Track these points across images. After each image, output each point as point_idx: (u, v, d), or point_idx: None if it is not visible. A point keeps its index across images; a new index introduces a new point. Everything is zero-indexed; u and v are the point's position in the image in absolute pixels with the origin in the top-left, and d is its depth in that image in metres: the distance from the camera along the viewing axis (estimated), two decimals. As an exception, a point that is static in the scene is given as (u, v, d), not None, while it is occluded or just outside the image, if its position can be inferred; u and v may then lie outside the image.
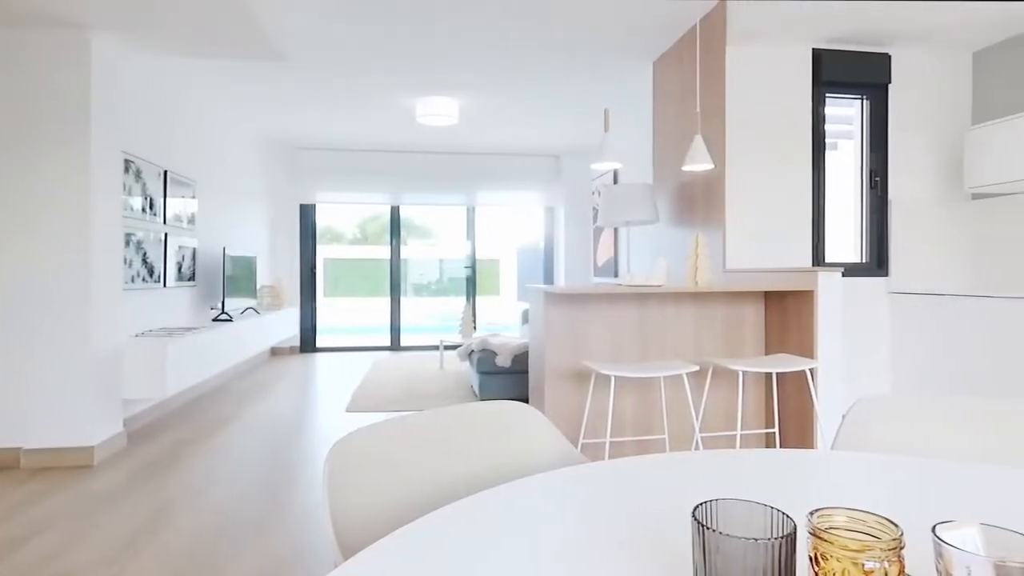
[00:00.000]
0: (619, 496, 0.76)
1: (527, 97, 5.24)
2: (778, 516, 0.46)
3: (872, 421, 1.09)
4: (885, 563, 0.41)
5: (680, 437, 3.12)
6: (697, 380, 3.12)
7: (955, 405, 1.08)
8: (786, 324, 3.00)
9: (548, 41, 3.97)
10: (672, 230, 4.15)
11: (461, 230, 8.01)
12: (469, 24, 3.71)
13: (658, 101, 4.31)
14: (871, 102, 3.76)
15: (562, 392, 2.98)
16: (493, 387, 4.42)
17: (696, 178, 3.80)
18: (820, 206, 3.67)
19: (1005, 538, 0.46)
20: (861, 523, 0.46)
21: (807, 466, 0.89)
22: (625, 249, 6.42)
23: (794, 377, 2.97)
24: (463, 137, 6.76)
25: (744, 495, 0.77)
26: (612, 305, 3.04)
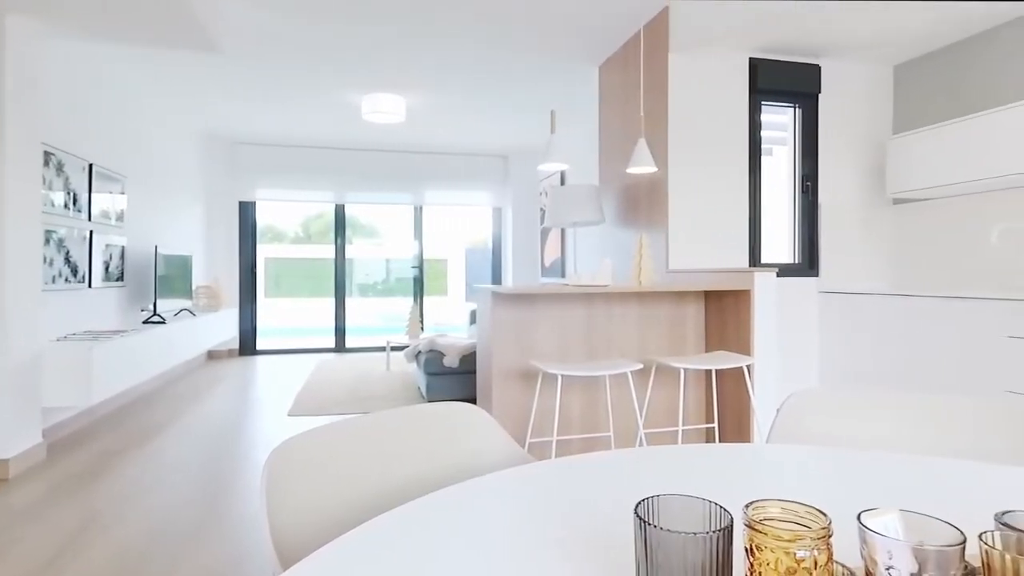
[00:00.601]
0: (565, 495, 0.76)
1: (475, 97, 5.22)
2: (716, 510, 0.47)
3: (803, 414, 1.15)
4: (815, 551, 0.43)
5: (625, 434, 3.18)
6: (641, 378, 3.19)
7: (878, 398, 1.14)
8: (725, 322, 3.11)
9: (496, 42, 3.98)
10: (617, 231, 4.23)
11: (408, 229, 7.91)
12: (416, 22, 3.67)
13: (604, 104, 4.39)
14: (803, 110, 3.95)
15: (510, 392, 2.98)
16: (441, 388, 4.38)
17: (640, 180, 3.89)
18: (756, 209, 3.83)
19: (922, 523, 0.48)
20: (793, 513, 0.48)
21: (744, 459, 0.92)
22: (572, 249, 6.50)
23: (732, 373, 3.08)
24: (410, 135, 6.68)
25: (686, 489, 0.79)
26: (559, 305, 3.07)
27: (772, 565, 0.43)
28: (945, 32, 3.54)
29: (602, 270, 3.06)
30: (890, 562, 0.45)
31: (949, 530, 0.46)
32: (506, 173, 7.88)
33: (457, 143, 7.11)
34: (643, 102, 3.80)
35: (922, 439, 1.09)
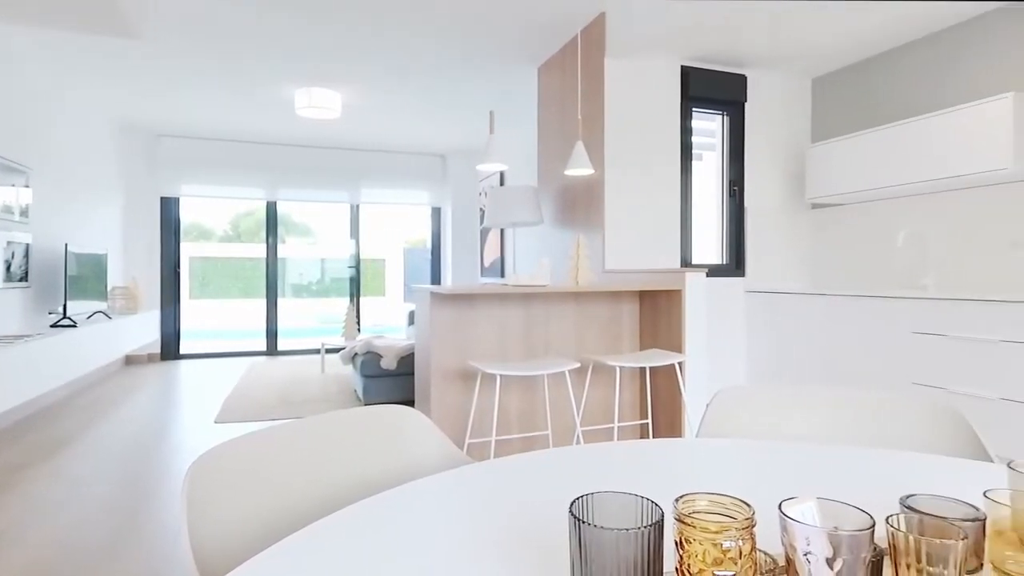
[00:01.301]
0: (503, 495, 0.76)
1: (413, 95, 5.16)
2: (647, 505, 0.48)
3: (731, 409, 1.20)
4: (739, 541, 0.45)
5: (563, 432, 3.23)
6: (578, 376, 3.24)
7: (798, 393, 1.21)
8: (658, 321, 3.21)
9: (435, 40, 3.94)
10: (556, 231, 4.28)
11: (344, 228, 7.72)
12: (352, 15, 3.58)
13: (542, 106, 4.43)
14: (730, 118, 4.13)
15: (448, 393, 2.96)
16: (378, 390, 4.30)
17: (578, 182, 3.95)
18: (687, 211, 3.97)
19: (837, 509, 0.51)
20: (720, 505, 0.50)
21: (676, 454, 0.95)
22: (512, 250, 6.53)
23: (665, 370, 3.18)
24: (347, 132, 6.52)
25: (621, 485, 0.80)
26: (498, 305, 3.07)
27: (700, 557, 0.45)
28: (858, 48, 3.79)
29: (540, 270, 3.09)
30: (808, 548, 0.47)
31: (860, 515, 0.49)
32: (445, 172, 7.83)
33: (395, 141, 7.00)
34: (580, 105, 3.86)
35: (838, 430, 1.16)
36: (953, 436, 1.05)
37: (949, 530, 0.50)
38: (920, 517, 0.52)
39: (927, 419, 1.09)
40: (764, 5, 3.15)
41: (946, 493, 0.77)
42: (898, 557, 0.50)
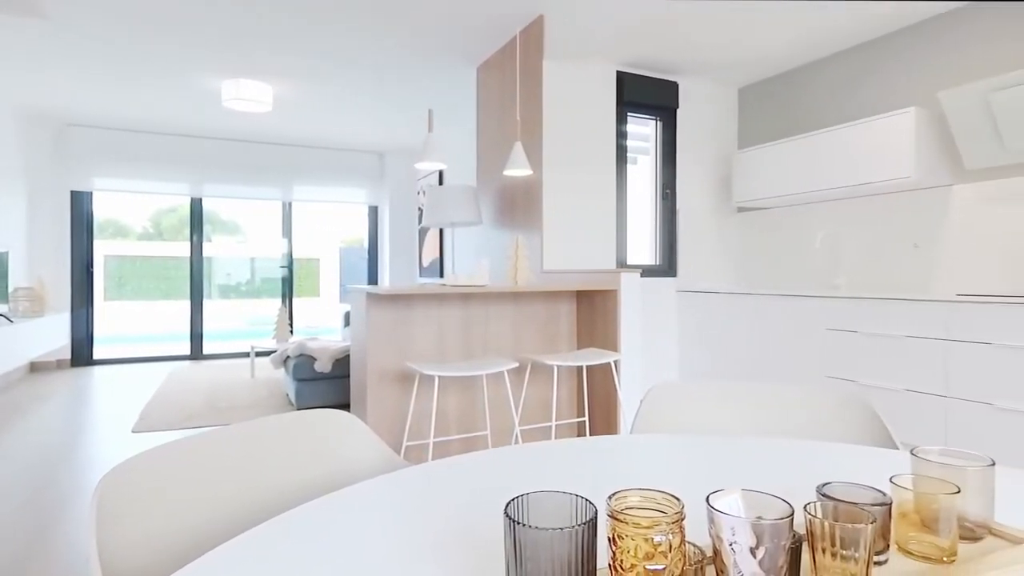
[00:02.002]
0: (440, 498, 0.75)
1: (350, 90, 5.03)
2: (581, 503, 0.49)
3: (663, 405, 1.23)
4: (670, 535, 0.46)
5: (502, 431, 3.23)
6: (517, 376, 3.26)
7: (725, 387, 1.26)
8: (594, 320, 3.27)
9: (372, 34, 3.86)
10: (495, 232, 4.29)
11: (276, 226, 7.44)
12: (285, 4, 3.45)
13: (481, 106, 4.43)
14: (663, 123, 4.27)
15: (385, 395, 2.91)
16: (311, 394, 4.17)
17: (516, 183, 3.97)
18: (623, 214, 4.07)
19: (760, 500, 0.53)
20: (651, 501, 0.51)
21: (611, 451, 0.96)
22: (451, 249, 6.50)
23: (601, 368, 3.24)
24: (278, 126, 6.28)
25: (558, 483, 0.81)
26: (437, 305, 3.04)
27: (632, 552, 0.45)
28: (780, 61, 4.01)
29: (479, 270, 3.09)
30: (733, 538, 0.49)
31: (781, 504, 0.51)
32: (383, 170, 7.69)
33: (330, 137, 6.81)
34: (519, 106, 3.88)
35: (762, 422, 1.21)
36: (863, 426, 1.12)
37: (860, 515, 0.53)
38: (834, 504, 0.55)
39: (840, 410, 1.16)
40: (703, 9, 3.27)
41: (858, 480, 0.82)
42: (815, 542, 0.53)
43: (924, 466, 0.64)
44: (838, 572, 0.52)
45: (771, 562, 0.48)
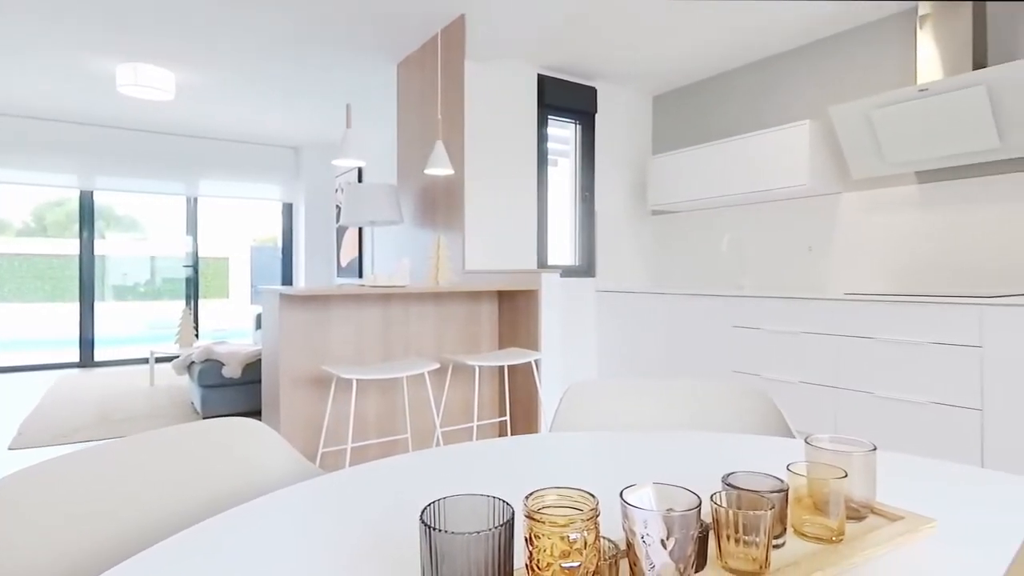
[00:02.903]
0: (356, 506, 0.73)
1: (262, 80, 4.80)
2: (499, 505, 0.49)
3: (581, 403, 1.26)
4: (585, 532, 0.47)
5: (423, 434, 3.19)
6: (438, 377, 3.23)
7: (642, 384, 1.31)
8: (516, 320, 3.30)
9: (287, 22, 3.69)
10: (416, 231, 4.23)
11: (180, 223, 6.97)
12: (186, -13, 3.24)
13: (402, 103, 4.36)
14: (582, 127, 4.37)
15: (300, 400, 2.79)
16: (219, 402, 3.93)
17: (438, 182, 3.94)
18: (544, 215, 4.14)
19: (671, 492, 0.55)
20: (568, 499, 0.51)
21: (531, 450, 0.97)
22: (370, 249, 6.34)
23: (523, 368, 3.28)
24: (183, 116, 5.88)
25: (478, 485, 0.80)
26: (355, 306, 2.96)
27: (548, 551, 0.46)
28: (691, 71, 4.21)
29: (400, 270, 3.03)
30: (645, 530, 0.50)
31: (689, 496, 0.53)
32: (298, 166, 7.39)
33: (241, 129, 6.45)
34: (440, 105, 3.85)
35: (674, 416, 1.27)
36: (765, 417, 1.20)
37: (760, 502, 0.56)
38: (738, 493, 0.58)
39: (744, 403, 1.23)
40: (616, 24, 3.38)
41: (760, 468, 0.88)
42: (720, 530, 0.56)
43: (816, 453, 0.69)
44: (741, 557, 0.55)
45: (680, 552, 0.50)
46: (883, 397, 2.75)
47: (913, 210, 3.20)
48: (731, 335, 3.43)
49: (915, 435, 2.64)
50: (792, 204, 3.78)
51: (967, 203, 2.99)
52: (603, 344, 4.31)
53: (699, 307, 3.62)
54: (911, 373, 2.65)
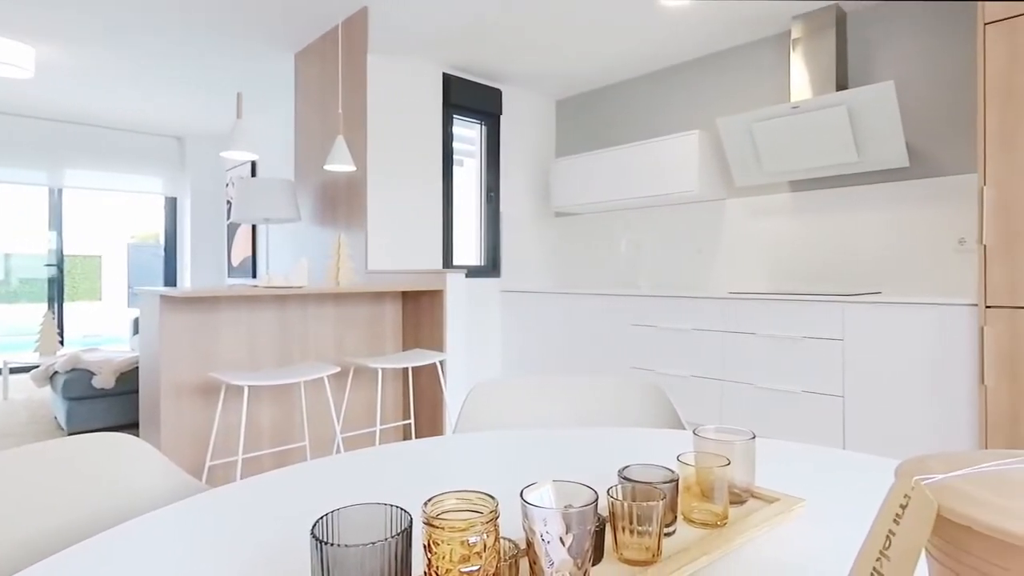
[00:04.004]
0: (245, 521, 0.68)
1: (142, 62, 4.39)
2: (396, 513, 0.47)
3: (485, 403, 1.26)
4: (484, 536, 0.46)
5: (322, 441, 3.07)
6: (338, 381, 3.12)
7: (545, 382, 1.33)
8: (420, 321, 3.25)
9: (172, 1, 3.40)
10: (315, 229, 4.05)
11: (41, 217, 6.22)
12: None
13: (300, 95, 4.16)
14: (487, 128, 4.39)
15: (184, 411, 2.58)
16: (88, 415, 3.56)
17: (339, 178, 3.80)
18: (449, 214, 4.11)
19: (570, 489, 0.56)
20: (467, 502, 0.51)
21: (434, 453, 0.96)
22: (264, 248, 6.00)
23: (427, 369, 3.24)
24: (45, 98, 5.26)
25: (377, 492, 0.78)
26: (248, 308, 2.78)
27: (447, 557, 0.45)
28: (592, 78, 4.36)
29: (298, 270, 2.89)
30: (545, 528, 0.51)
31: (587, 491, 0.54)
32: (183, 157, 6.84)
33: (116, 115, 5.87)
34: (342, 98, 3.72)
35: (576, 413, 1.30)
36: (659, 410, 1.26)
37: (653, 493, 0.59)
38: (632, 485, 0.61)
39: (641, 398, 1.29)
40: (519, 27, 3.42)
41: (653, 460, 0.92)
42: (616, 522, 0.57)
43: (703, 443, 0.73)
44: (635, 547, 0.57)
45: (578, 547, 0.51)
46: (763, 387, 2.99)
47: (787, 216, 3.50)
48: (629, 333, 3.59)
49: (790, 421, 2.90)
50: (684, 208, 4.01)
51: (831, 210, 3.32)
52: (507, 344, 4.35)
53: (599, 306, 3.75)
54: (786, 365, 2.91)
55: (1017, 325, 2.21)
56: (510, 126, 4.51)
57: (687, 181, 3.62)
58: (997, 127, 2.24)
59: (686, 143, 3.63)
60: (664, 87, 4.12)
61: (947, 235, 2.92)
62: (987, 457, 0.39)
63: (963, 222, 2.88)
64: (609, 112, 4.48)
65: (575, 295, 3.89)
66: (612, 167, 4.03)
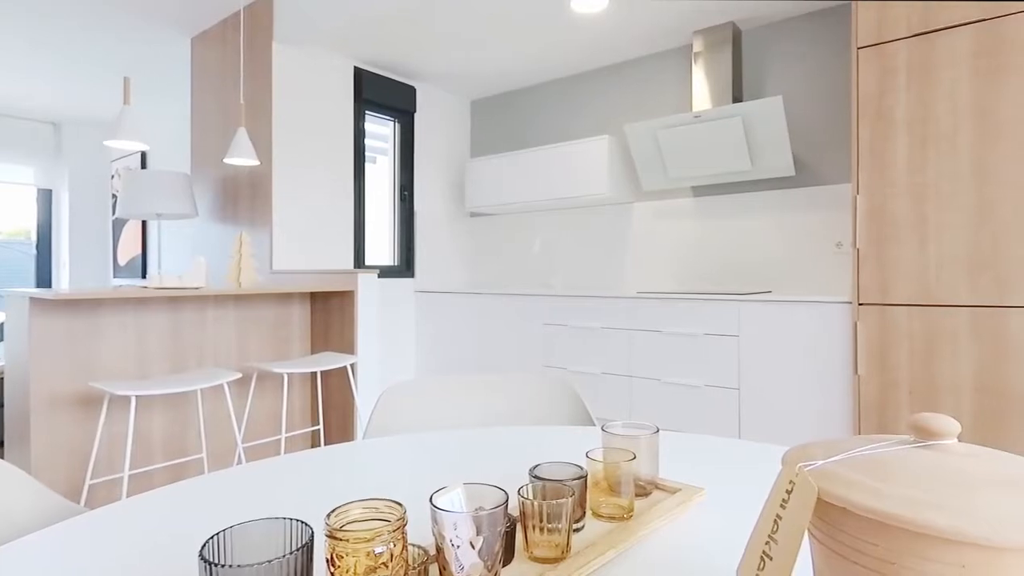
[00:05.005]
0: (129, 544, 0.62)
1: (8, 35, 3.93)
2: (296, 528, 0.45)
3: (398, 406, 1.23)
4: (391, 545, 0.45)
5: (222, 452, 2.88)
6: (240, 388, 2.94)
7: (457, 381, 1.32)
8: (330, 323, 3.14)
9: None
10: (214, 227, 3.81)
11: None
12: None
13: (197, 83, 3.89)
14: (401, 126, 4.31)
15: (60, 426, 2.34)
16: (-57, 433, 3.14)
17: (241, 173, 3.59)
18: (361, 213, 4.00)
19: (481, 491, 0.56)
20: (374, 511, 0.49)
21: (342, 460, 0.92)
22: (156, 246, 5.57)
23: (338, 373, 3.13)
24: None
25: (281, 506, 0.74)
26: (136, 312, 2.56)
27: (352, 570, 0.43)
28: (507, 80, 4.39)
29: (195, 270, 2.70)
30: (455, 533, 0.50)
31: (498, 493, 0.54)
32: (59, 145, 6.19)
33: (-27, 95, 5.22)
34: (244, 88, 3.51)
35: (490, 412, 1.30)
36: (571, 408, 1.29)
37: (562, 490, 0.60)
38: (543, 484, 0.61)
39: (552, 395, 1.31)
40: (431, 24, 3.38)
41: (564, 458, 0.93)
42: (527, 521, 0.58)
43: (610, 439, 0.75)
44: (546, 544, 0.57)
45: (489, 550, 0.50)
46: (668, 383, 3.14)
47: (690, 220, 3.70)
48: (542, 332, 3.65)
49: (694, 414, 3.06)
50: (594, 210, 4.14)
51: (728, 215, 3.54)
52: (422, 345, 4.30)
53: (513, 306, 3.79)
54: (689, 361, 3.07)
55: (886, 320, 2.46)
56: (425, 124, 4.46)
57: (598, 184, 3.73)
58: (868, 142, 2.48)
59: (597, 147, 3.74)
60: (576, 92, 4.23)
61: (827, 239, 3.20)
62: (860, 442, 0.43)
63: (840, 227, 3.17)
64: (523, 114, 4.53)
65: (490, 295, 3.91)
66: (526, 169, 4.09)
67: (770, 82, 3.39)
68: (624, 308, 3.30)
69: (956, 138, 2.29)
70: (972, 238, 2.26)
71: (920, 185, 2.37)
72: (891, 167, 2.43)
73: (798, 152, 3.30)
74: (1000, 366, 2.22)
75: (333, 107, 3.76)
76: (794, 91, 3.32)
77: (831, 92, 3.20)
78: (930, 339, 2.35)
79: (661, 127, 3.35)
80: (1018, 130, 2.18)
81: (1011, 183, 2.19)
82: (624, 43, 3.69)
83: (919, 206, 2.37)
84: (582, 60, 3.98)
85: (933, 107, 2.34)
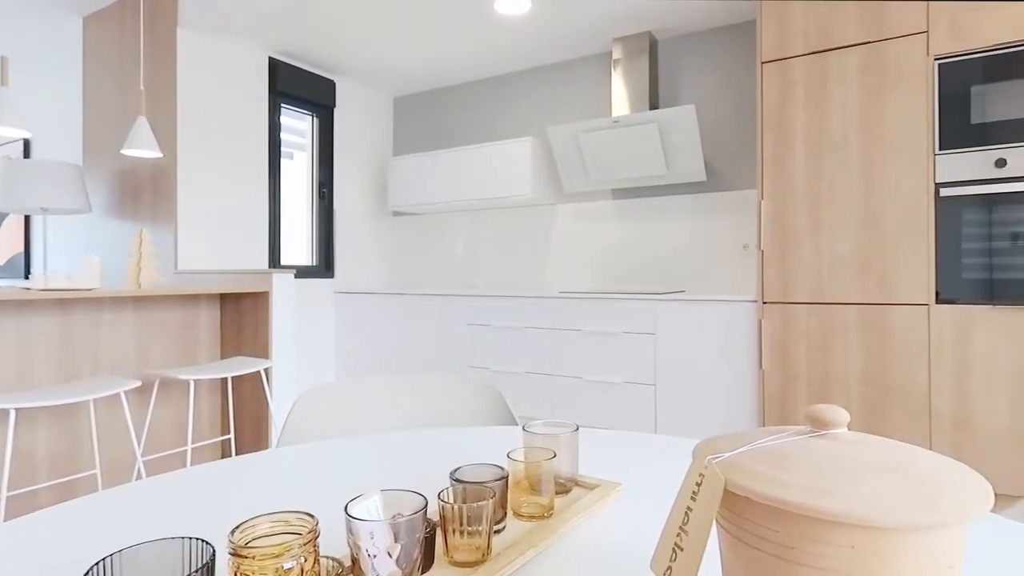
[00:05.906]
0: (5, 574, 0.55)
1: None
2: (196, 547, 0.41)
3: (315, 411, 1.18)
4: (302, 559, 0.42)
5: (119, 467, 2.67)
6: (141, 397, 2.74)
7: (379, 383, 1.28)
8: (242, 326, 2.98)
9: None
10: (110, 223, 3.52)
11: None
12: None
13: (90, 66, 3.58)
14: (320, 120, 4.16)
15: (-75, 443, 2.08)
16: None
17: (141, 165, 3.34)
18: (276, 211, 3.82)
19: (399, 497, 0.54)
20: (284, 524, 0.47)
21: (253, 470, 0.87)
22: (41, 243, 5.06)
23: (250, 378, 2.98)
24: None
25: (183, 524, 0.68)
26: (17, 315, 2.32)
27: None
28: (431, 78, 4.34)
29: (88, 269, 2.48)
30: (372, 542, 0.48)
31: (416, 498, 0.53)
32: (-78, 130, 5.50)
33: None
34: (144, 74, 3.27)
35: (412, 414, 1.28)
36: (494, 408, 1.29)
37: (483, 492, 0.59)
38: (463, 486, 0.60)
39: (477, 396, 1.30)
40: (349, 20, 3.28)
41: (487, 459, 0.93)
42: (447, 525, 0.57)
43: (531, 438, 0.75)
44: (466, 548, 0.56)
45: (407, 557, 0.49)
46: (589, 380, 3.22)
47: (610, 221, 3.81)
48: (465, 332, 3.64)
49: (613, 411, 3.15)
50: (518, 211, 4.17)
51: (645, 217, 3.68)
52: (342, 347, 4.17)
53: (436, 307, 3.75)
54: (609, 358, 3.16)
55: (787, 318, 2.63)
56: (345, 120, 4.33)
57: (521, 185, 3.77)
58: (772, 150, 2.65)
59: (520, 148, 3.77)
60: (500, 93, 4.25)
61: (735, 241, 3.40)
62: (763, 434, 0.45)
63: (747, 230, 3.37)
64: (447, 113, 4.50)
65: (412, 296, 3.85)
66: (450, 168, 4.06)
67: (684, 91, 3.55)
68: (546, 308, 3.35)
69: (847, 149, 2.49)
70: (860, 241, 2.47)
71: (816, 192, 2.56)
72: (791, 175, 2.61)
73: (710, 158, 3.48)
74: (884, 359, 2.44)
75: (245, 98, 3.57)
76: (706, 100, 3.49)
77: (739, 102, 3.40)
78: (825, 335, 2.55)
79: (583, 130, 3.43)
80: (899, 142, 2.40)
81: (893, 191, 2.41)
82: (548, 47, 3.75)
83: (815, 211, 2.56)
84: (507, 62, 4.01)
85: (827, 119, 2.53)
